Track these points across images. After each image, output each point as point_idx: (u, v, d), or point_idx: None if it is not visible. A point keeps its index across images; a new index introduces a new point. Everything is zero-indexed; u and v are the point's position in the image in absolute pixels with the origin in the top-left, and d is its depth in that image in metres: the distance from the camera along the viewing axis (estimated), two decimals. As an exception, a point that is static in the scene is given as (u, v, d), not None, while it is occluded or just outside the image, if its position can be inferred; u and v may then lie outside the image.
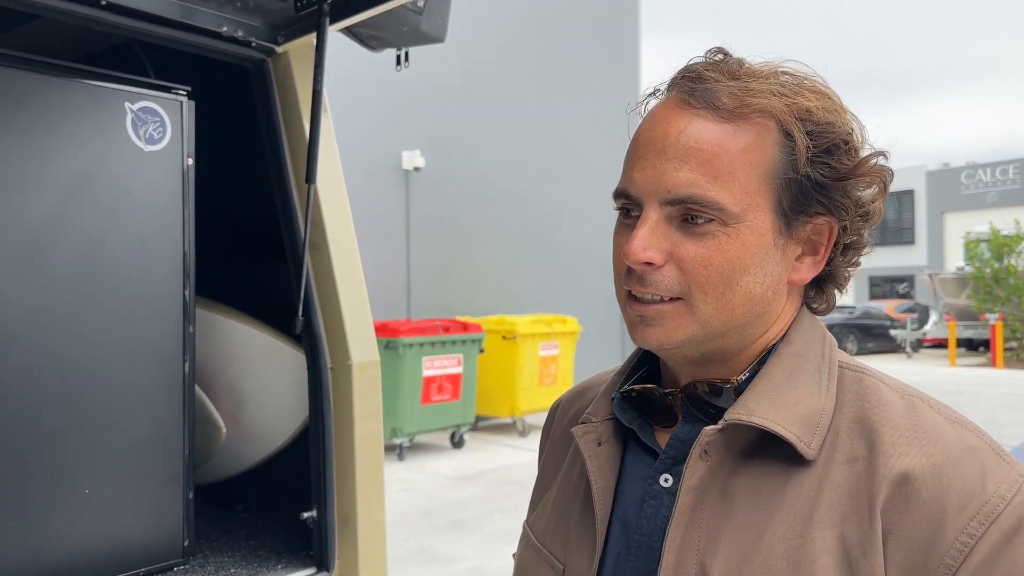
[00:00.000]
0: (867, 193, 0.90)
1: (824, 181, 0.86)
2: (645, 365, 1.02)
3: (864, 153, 0.88)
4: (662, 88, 0.92)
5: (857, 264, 0.95)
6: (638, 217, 0.87)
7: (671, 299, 0.86)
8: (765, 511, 0.83)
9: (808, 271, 0.90)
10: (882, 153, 0.89)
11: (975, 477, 0.78)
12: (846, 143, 0.87)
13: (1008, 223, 23.61)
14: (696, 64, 0.90)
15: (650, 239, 0.85)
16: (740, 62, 0.89)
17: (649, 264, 0.85)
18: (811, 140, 0.85)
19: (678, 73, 0.91)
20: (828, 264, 0.92)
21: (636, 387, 0.96)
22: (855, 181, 0.87)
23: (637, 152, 0.88)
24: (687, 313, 0.86)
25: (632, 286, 0.87)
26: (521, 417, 9.67)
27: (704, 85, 0.87)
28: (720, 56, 0.90)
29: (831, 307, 0.97)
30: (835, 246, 0.90)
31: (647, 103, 0.93)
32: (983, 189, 33.17)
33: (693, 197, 0.83)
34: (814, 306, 0.96)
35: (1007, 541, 0.76)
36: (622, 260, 0.88)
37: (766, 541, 0.81)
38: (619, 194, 0.90)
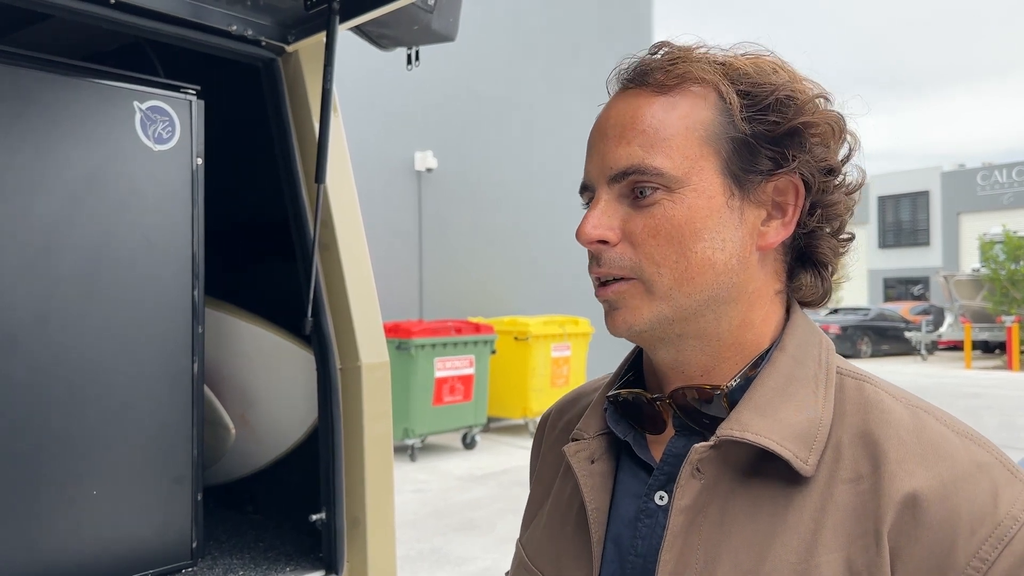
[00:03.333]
0: (831, 148, 0.88)
1: (769, 135, 0.85)
2: (631, 370, 0.99)
3: (819, 107, 0.87)
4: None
5: (844, 237, 0.91)
6: None
7: (626, 279, 0.86)
8: (767, 532, 0.79)
9: (776, 234, 0.87)
10: (823, 95, 0.88)
11: (986, 496, 0.75)
12: (791, 99, 0.85)
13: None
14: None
15: (601, 218, 0.86)
16: (680, 47, 0.90)
17: (604, 243, 0.86)
18: (748, 99, 0.85)
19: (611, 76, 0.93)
20: (802, 227, 0.88)
21: (623, 392, 0.93)
22: (803, 130, 0.85)
23: (588, 146, 0.91)
24: (645, 291, 0.85)
25: (592, 268, 0.88)
26: (533, 418, 9.65)
27: (639, 68, 0.89)
28: (654, 49, 0.91)
29: (826, 294, 0.93)
30: (804, 207, 0.87)
31: None
32: (999, 190, 32.91)
33: (632, 167, 0.84)
34: (808, 298, 0.92)
35: (1021, 565, 0.72)
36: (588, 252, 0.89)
37: (768, 565, 0.77)
38: (581, 189, 0.92)
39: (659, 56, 0.89)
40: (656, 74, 0.87)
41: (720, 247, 0.84)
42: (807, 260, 0.91)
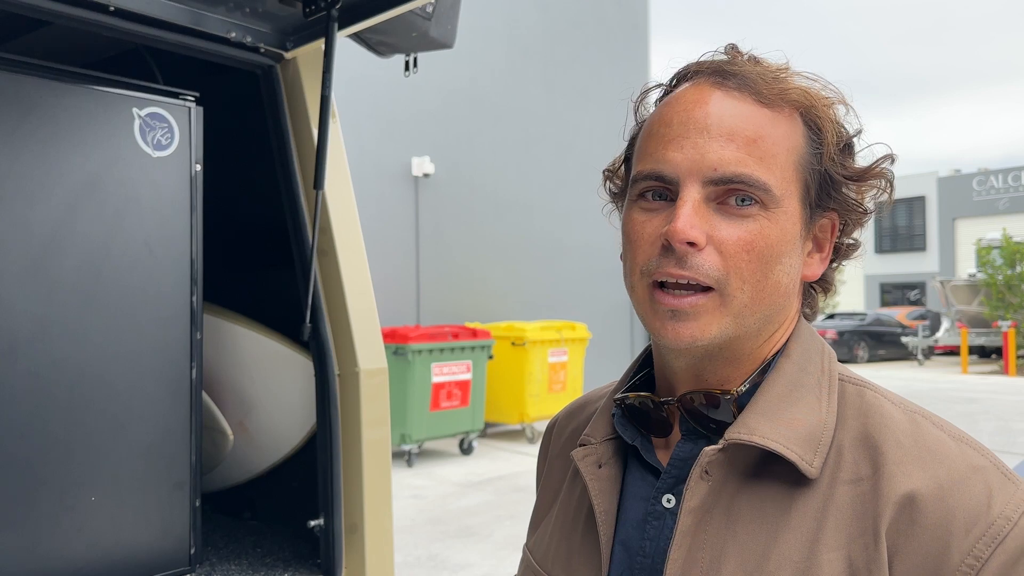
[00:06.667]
0: (872, 197, 0.91)
1: (839, 179, 0.87)
2: (640, 373, 1.00)
3: (861, 155, 0.90)
4: (666, 81, 0.93)
5: (842, 263, 0.96)
6: (665, 201, 0.85)
7: (704, 289, 0.82)
8: (771, 532, 0.81)
9: (817, 267, 0.91)
10: (891, 156, 0.90)
11: (981, 497, 0.77)
12: (854, 146, 0.89)
13: (1020, 229, 23.46)
14: (715, 55, 0.91)
15: (694, 218, 0.81)
16: (754, 58, 0.90)
17: (693, 245, 0.81)
18: (835, 137, 0.87)
19: (695, 64, 0.90)
20: (833, 261, 0.93)
21: (631, 395, 0.94)
22: (867, 182, 0.89)
23: (670, 132, 0.85)
24: (720, 306, 0.83)
25: (668, 268, 0.82)
26: (530, 423, 9.65)
27: (736, 68, 0.87)
28: (735, 52, 0.91)
29: (816, 312, 0.97)
30: (842, 243, 0.92)
31: (648, 96, 0.93)
32: (995, 195, 32.98)
33: (741, 176, 0.82)
34: (806, 309, 0.96)
35: (1013, 563, 0.74)
36: (646, 246, 0.85)
37: (772, 563, 0.80)
38: (648, 176, 0.85)
39: (746, 59, 0.89)
40: (760, 85, 0.85)
41: (787, 272, 0.86)
42: (814, 286, 0.95)
